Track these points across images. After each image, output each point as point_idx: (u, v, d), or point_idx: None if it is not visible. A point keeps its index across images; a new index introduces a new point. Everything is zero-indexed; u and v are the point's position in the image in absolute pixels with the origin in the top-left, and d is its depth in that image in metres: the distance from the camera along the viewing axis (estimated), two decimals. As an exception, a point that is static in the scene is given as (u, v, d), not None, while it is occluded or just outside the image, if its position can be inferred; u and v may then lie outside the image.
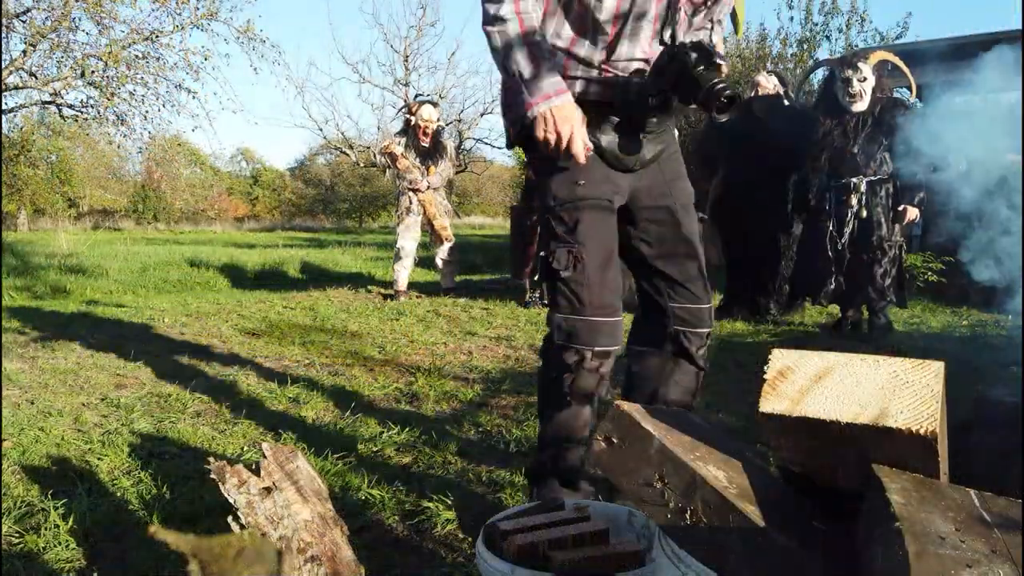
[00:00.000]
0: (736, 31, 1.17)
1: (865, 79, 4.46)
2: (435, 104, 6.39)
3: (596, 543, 1.35)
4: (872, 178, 4.49)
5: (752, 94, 5.30)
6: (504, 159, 21.37)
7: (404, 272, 6.35)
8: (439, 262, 6.60)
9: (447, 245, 6.44)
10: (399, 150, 6.11)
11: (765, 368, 1.18)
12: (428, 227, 6.38)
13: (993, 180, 2.41)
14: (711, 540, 1.12)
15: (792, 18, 11.68)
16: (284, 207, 39.62)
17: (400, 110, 7.00)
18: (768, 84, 5.31)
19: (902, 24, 11.17)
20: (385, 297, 6.34)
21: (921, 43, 6.92)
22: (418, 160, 6.20)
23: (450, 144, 6.55)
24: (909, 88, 4.76)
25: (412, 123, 6.17)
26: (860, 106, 4.48)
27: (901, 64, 4.62)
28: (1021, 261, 2.11)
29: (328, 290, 7.00)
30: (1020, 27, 6.11)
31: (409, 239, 6.31)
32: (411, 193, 6.19)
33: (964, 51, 6.47)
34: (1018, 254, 2.14)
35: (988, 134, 2.45)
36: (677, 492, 1.16)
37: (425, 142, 6.18)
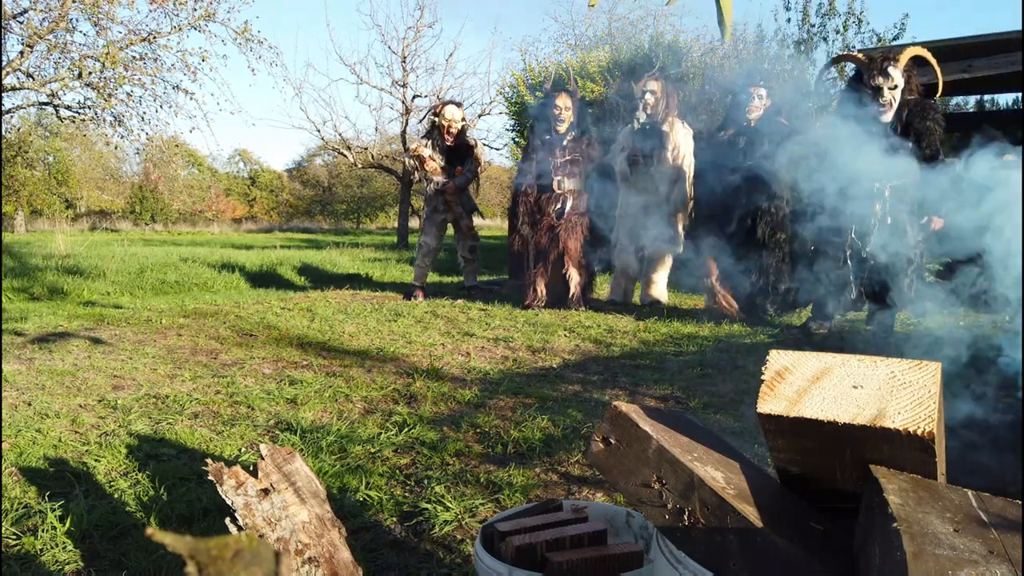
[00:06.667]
0: (724, 35, 1.17)
1: (896, 86, 4.27)
2: (459, 104, 6.49)
3: (594, 544, 1.36)
4: (897, 183, 4.27)
5: (749, 115, 5.25)
6: (502, 160, 21.30)
7: (423, 270, 6.49)
8: (461, 260, 6.74)
9: (470, 243, 6.58)
10: (427, 152, 6.26)
11: (763, 369, 1.18)
12: (454, 225, 6.56)
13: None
14: (709, 541, 1.12)
15: (789, 20, 11.69)
16: (282, 208, 39.64)
17: (424, 113, 7.14)
18: (759, 105, 5.21)
19: (899, 25, 11.20)
20: (406, 296, 6.42)
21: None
22: (444, 160, 6.33)
23: (477, 142, 6.66)
24: (936, 86, 4.53)
25: (437, 123, 6.32)
26: (888, 116, 4.29)
27: (932, 59, 4.40)
28: (1021, 261, 2.11)
29: (326, 291, 7.00)
30: (1020, 28, 6.12)
31: (433, 236, 6.45)
32: (438, 193, 6.33)
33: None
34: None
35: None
36: (675, 493, 1.16)
37: (449, 141, 6.30)
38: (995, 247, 2.02)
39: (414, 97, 16.51)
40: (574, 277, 5.73)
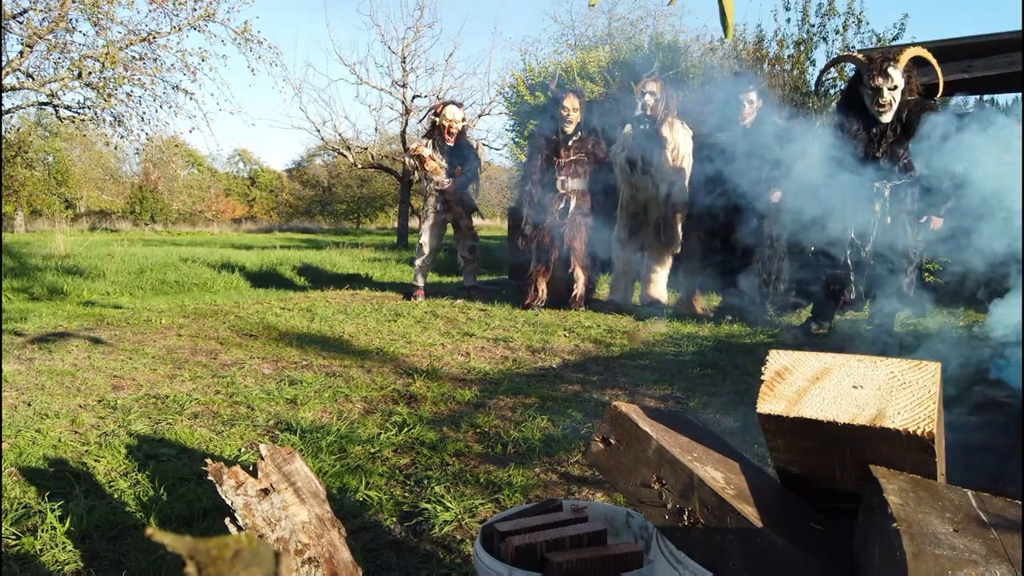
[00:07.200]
0: (726, 34, 1.17)
1: (895, 87, 4.27)
2: (459, 105, 6.51)
3: (594, 544, 1.36)
4: (896, 183, 4.30)
5: (744, 118, 5.28)
6: (502, 160, 21.29)
7: (423, 270, 6.51)
8: (461, 260, 6.76)
9: (470, 243, 6.59)
10: (427, 152, 6.29)
11: (763, 369, 1.18)
12: (454, 226, 6.58)
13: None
14: (709, 541, 1.12)
15: (789, 20, 11.70)
16: (281, 208, 39.61)
17: (424, 113, 7.20)
18: (751, 111, 5.24)
19: (899, 25, 11.19)
20: (406, 296, 6.43)
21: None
22: (445, 160, 6.35)
23: (478, 143, 6.69)
24: (936, 86, 4.53)
25: (437, 124, 6.34)
26: (888, 116, 4.30)
27: (932, 60, 4.41)
28: (1021, 261, 2.11)
29: (326, 291, 7.00)
30: (1020, 28, 6.12)
31: (433, 236, 6.47)
32: (438, 193, 6.35)
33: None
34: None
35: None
36: (675, 493, 1.16)
37: (450, 141, 6.33)
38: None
39: (414, 97, 16.49)
40: (580, 277, 5.74)
